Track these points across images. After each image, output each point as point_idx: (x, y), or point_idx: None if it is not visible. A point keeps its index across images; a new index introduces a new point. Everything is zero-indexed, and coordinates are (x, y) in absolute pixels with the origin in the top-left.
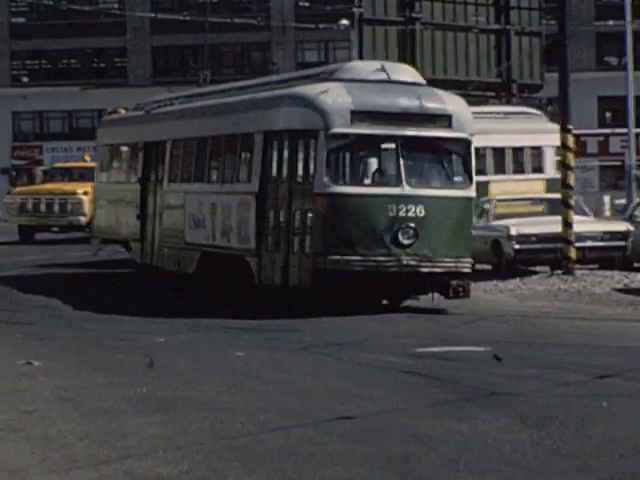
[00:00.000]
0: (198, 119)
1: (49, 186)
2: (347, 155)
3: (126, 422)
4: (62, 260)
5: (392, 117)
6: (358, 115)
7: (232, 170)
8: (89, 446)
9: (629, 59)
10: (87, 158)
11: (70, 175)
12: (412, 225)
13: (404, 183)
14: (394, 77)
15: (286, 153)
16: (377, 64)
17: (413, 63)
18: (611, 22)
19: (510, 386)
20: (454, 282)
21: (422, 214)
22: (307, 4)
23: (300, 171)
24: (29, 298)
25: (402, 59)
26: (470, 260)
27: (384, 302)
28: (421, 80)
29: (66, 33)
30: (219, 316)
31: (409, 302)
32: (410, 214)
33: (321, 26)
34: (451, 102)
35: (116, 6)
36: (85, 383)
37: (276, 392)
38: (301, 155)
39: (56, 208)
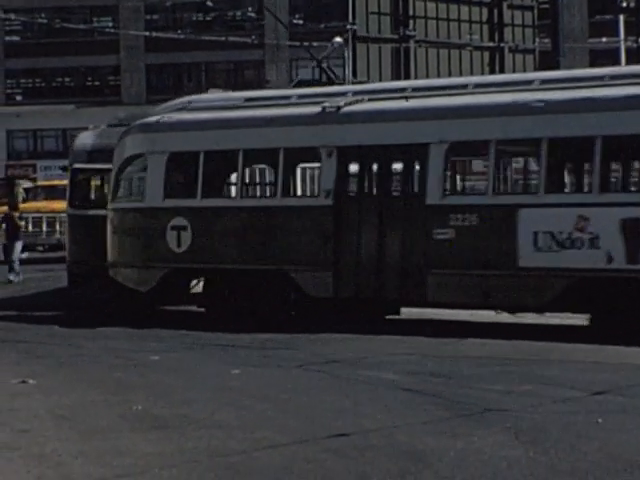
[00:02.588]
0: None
1: (37, 204)
2: None
3: (122, 440)
4: (57, 278)
5: None
6: None
7: None
8: (85, 464)
9: None
10: None
11: (53, 193)
12: None
13: None
14: None
15: None
16: None
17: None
18: (604, 39)
19: (505, 402)
20: None
21: None
22: (301, 22)
23: None
24: (24, 316)
25: (396, 76)
26: None
27: None
28: None
29: (60, 51)
30: (215, 330)
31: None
32: None
33: (315, 44)
34: None
35: (110, 24)
36: (80, 401)
37: (272, 410)
38: None
39: (44, 226)
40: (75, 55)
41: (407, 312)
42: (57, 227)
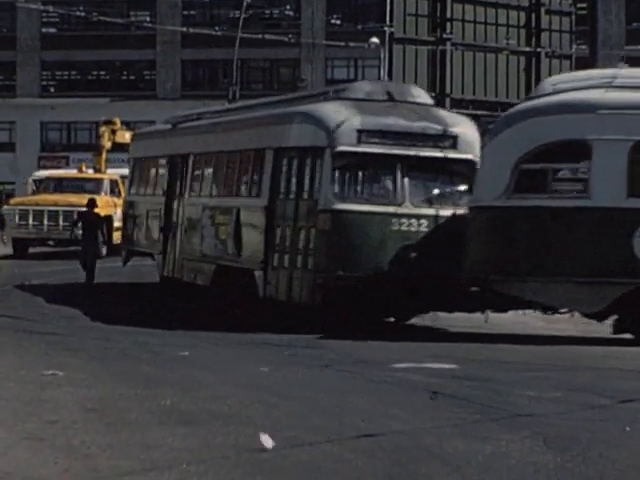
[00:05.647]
0: None
1: (53, 197)
2: None
3: (150, 434)
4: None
5: None
6: None
7: None
8: (112, 457)
9: None
10: (83, 168)
11: (63, 186)
12: None
13: None
14: None
15: None
16: None
17: (442, 83)
18: None
19: (535, 408)
20: None
21: None
22: (338, 22)
23: None
24: (54, 309)
25: (432, 79)
26: None
27: None
28: None
29: (96, 45)
30: (245, 331)
31: None
32: None
33: (351, 44)
34: None
35: (147, 19)
36: (109, 394)
37: (300, 408)
38: None
39: (60, 220)
40: (111, 49)
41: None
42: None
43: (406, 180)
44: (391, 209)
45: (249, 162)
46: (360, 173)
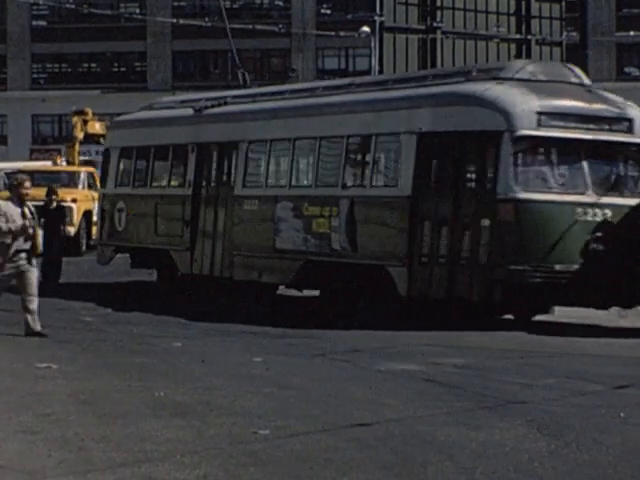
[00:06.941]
0: None
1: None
2: None
3: (144, 426)
4: (79, 265)
5: None
6: None
7: None
8: (106, 449)
9: None
10: (58, 161)
11: (37, 180)
12: None
13: None
14: None
15: None
16: None
17: None
18: (632, 33)
19: (527, 395)
20: None
21: None
22: (328, 12)
23: None
24: (47, 301)
25: (423, 67)
26: None
27: None
28: None
29: (87, 37)
30: (237, 322)
31: None
32: None
33: (342, 34)
34: None
35: (137, 11)
36: (103, 386)
37: (293, 398)
38: None
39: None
40: (101, 41)
41: None
42: None
43: (587, 166)
44: (576, 198)
45: (366, 148)
46: (540, 159)
